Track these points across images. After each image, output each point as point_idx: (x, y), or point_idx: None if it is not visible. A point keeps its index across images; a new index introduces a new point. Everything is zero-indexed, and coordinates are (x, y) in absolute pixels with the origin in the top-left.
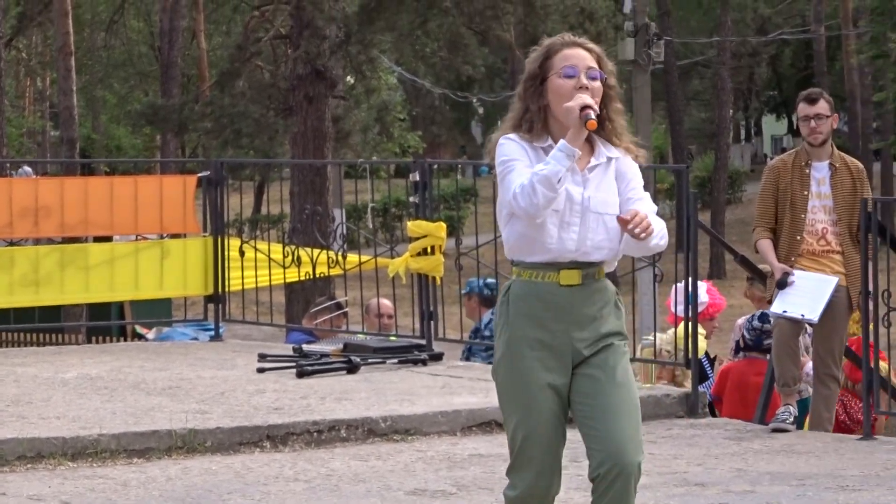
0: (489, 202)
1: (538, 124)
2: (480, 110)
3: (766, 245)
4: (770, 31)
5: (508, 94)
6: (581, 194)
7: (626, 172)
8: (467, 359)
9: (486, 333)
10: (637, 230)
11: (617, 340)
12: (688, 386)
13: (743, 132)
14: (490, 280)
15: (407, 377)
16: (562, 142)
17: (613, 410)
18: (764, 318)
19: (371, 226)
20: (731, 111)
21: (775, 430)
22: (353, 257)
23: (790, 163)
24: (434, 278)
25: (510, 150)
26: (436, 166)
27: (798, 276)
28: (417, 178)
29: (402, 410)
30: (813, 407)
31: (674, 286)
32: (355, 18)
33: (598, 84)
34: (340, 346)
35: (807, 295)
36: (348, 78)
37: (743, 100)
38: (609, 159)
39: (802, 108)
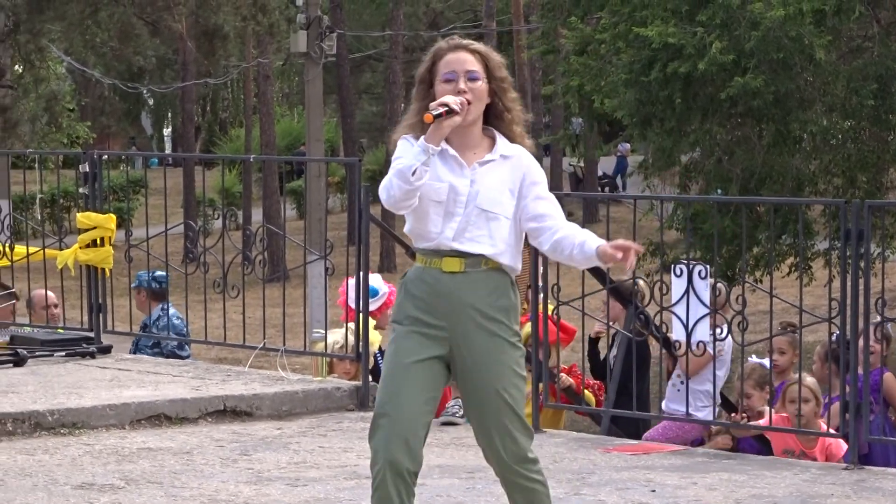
0: (159, 194)
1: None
2: (150, 101)
3: None
4: (442, 25)
5: (179, 85)
6: (468, 188)
7: (529, 171)
8: (135, 352)
9: (154, 330)
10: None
11: (496, 328)
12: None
13: None
14: (159, 273)
15: (75, 370)
16: (422, 138)
17: (477, 399)
18: None
19: (39, 217)
20: (402, 105)
21: (445, 424)
22: (20, 248)
23: None
24: (103, 270)
25: (400, 148)
26: (105, 157)
27: None
28: (87, 170)
29: (69, 403)
30: None
31: (345, 281)
32: (24, 7)
33: (479, 84)
34: (7, 338)
35: None
36: (16, 67)
37: None
38: (504, 157)
39: None
